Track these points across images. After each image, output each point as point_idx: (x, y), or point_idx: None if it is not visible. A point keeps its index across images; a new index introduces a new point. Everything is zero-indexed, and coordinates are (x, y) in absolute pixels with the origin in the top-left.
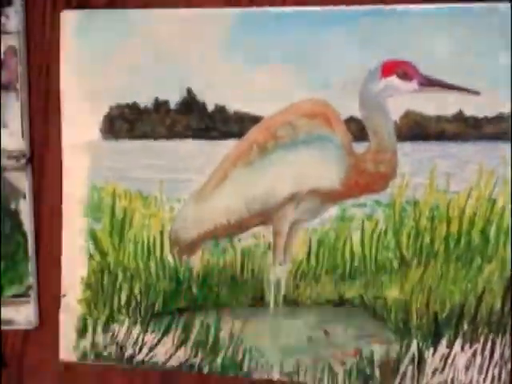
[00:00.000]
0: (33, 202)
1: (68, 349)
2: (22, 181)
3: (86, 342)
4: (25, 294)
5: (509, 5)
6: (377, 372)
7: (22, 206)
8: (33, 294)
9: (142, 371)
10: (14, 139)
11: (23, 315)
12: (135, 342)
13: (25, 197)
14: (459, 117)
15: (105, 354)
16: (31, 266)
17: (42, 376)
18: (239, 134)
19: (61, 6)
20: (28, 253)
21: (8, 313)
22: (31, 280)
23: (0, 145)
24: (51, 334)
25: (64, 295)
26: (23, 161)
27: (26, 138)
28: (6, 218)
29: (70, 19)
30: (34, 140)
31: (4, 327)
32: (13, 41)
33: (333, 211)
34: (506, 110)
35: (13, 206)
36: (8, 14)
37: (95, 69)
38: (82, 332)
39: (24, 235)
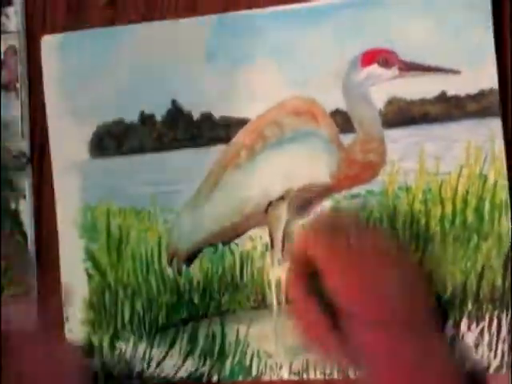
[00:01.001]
0: (33, 202)
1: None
2: (22, 181)
3: (95, 364)
4: (24, 295)
5: None
6: None
7: (22, 206)
8: (32, 294)
9: None
10: (14, 139)
11: (23, 316)
12: (143, 358)
13: (25, 197)
14: (442, 98)
15: (115, 374)
16: (31, 266)
17: (40, 376)
18: (227, 139)
19: (61, 6)
20: (28, 253)
21: (7, 313)
22: (31, 281)
23: (0, 144)
24: (50, 336)
25: (67, 318)
26: (23, 160)
27: (26, 138)
28: (6, 218)
29: (50, 43)
30: (34, 140)
31: (4, 328)
32: (13, 40)
33: (327, 205)
34: (487, 85)
35: (13, 206)
36: (8, 14)
37: (79, 89)
38: (89, 353)
39: (24, 235)
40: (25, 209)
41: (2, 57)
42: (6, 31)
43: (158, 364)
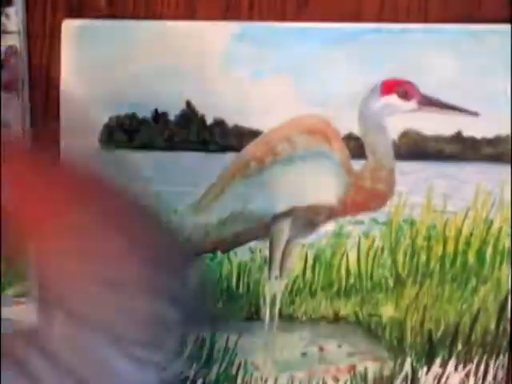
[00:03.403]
0: None
1: None
2: None
3: None
4: (25, 295)
5: (509, 26)
6: None
7: None
8: (33, 295)
9: None
10: None
11: (23, 316)
12: None
13: None
14: (458, 137)
15: None
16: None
17: None
18: (238, 148)
19: (61, 6)
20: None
21: (8, 313)
22: (32, 281)
23: (0, 144)
24: None
25: None
26: None
27: (28, 138)
28: None
29: (71, 28)
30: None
31: (3, 329)
32: (13, 40)
33: (330, 227)
34: (503, 131)
35: None
36: (8, 14)
37: (95, 79)
38: None
39: None
40: None
41: (3, 56)
42: (6, 31)
43: None
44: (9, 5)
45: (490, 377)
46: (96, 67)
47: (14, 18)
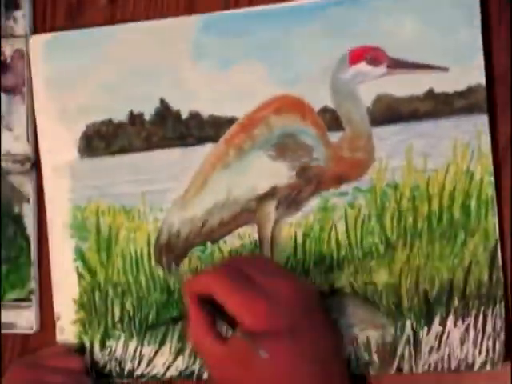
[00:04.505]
0: (36, 206)
1: None
2: (26, 185)
3: (86, 362)
4: (26, 299)
5: None
6: (375, 358)
7: (25, 211)
8: (34, 298)
9: None
10: (19, 143)
11: (24, 319)
12: (133, 356)
13: (29, 201)
14: (430, 95)
15: (105, 371)
16: (33, 271)
17: None
18: (215, 138)
19: (61, 8)
20: (31, 257)
21: (9, 316)
22: (33, 284)
23: (0, 146)
24: (51, 339)
25: (58, 318)
26: (28, 165)
27: (32, 142)
28: (10, 222)
29: (38, 44)
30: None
31: (4, 331)
32: (20, 44)
33: (315, 203)
34: (473, 82)
35: (16, 210)
36: (16, 18)
37: (68, 89)
38: (80, 352)
39: (27, 239)
40: (28, 213)
41: (9, 60)
42: (13, 35)
43: (149, 362)
44: (16, 8)
45: (489, 327)
46: (67, 78)
47: (22, 21)
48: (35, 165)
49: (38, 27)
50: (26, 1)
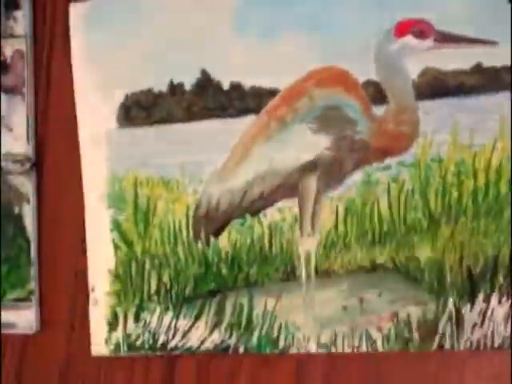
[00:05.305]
0: (36, 206)
1: (100, 343)
2: (26, 185)
3: (118, 335)
4: (26, 299)
5: None
6: (415, 334)
7: (25, 211)
8: (34, 298)
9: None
10: (19, 143)
11: (24, 319)
12: (168, 329)
13: (29, 201)
14: (477, 69)
15: (138, 344)
16: (33, 271)
17: (40, 380)
18: (257, 110)
19: (61, 8)
20: (31, 257)
21: (9, 316)
22: (33, 284)
23: (0, 146)
24: (51, 339)
25: (92, 289)
26: (28, 165)
27: (32, 143)
28: (10, 222)
29: (78, 11)
30: (38, 144)
31: (4, 331)
32: (20, 44)
33: (357, 177)
34: None
35: (16, 211)
36: (16, 18)
37: (107, 58)
38: (112, 324)
39: (27, 239)
40: (28, 213)
41: (9, 60)
42: (13, 35)
43: (184, 335)
44: (16, 8)
45: None
46: (107, 47)
47: (22, 21)
48: (35, 165)
49: (37, 27)
50: (25, 1)
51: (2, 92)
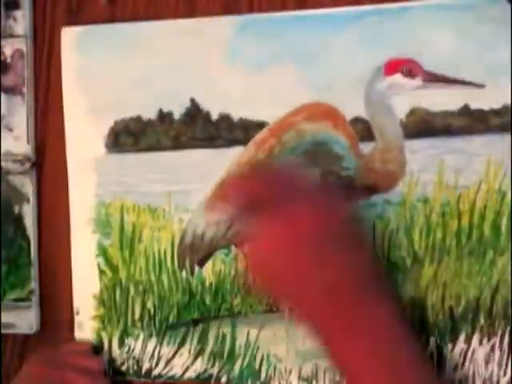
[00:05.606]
0: (37, 206)
1: None
2: (26, 185)
3: (104, 359)
4: (26, 299)
5: None
6: None
7: (25, 211)
8: (34, 298)
9: None
10: (19, 143)
11: (24, 319)
12: (152, 356)
13: (29, 201)
14: (465, 111)
15: (123, 369)
16: (33, 271)
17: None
18: (245, 141)
19: (61, 8)
20: (31, 257)
21: (9, 316)
22: (33, 285)
23: (0, 146)
24: (51, 340)
25: (77, 313)
26: (28, 165)
27: (32, 142)
28: (10, 222)
29: (70, 35)
30: (38, 144)
31: (4, 331)
32: (20, 44)
33: None
34: (509, 101)
35: (16, 211)
36: (16, 17)
37: (97, 84)
38: (98, 348)
39: (27, 239)
40: (28, 213)
41: (9, 60)
42: (13, 35)
43: (167, 362)
44: (16, 8)
45: None
46: (98, 72)
47: (22, 21)
48: (35, 165)
49: (37, 27)
50: (25, 1)
51: (2, 92)
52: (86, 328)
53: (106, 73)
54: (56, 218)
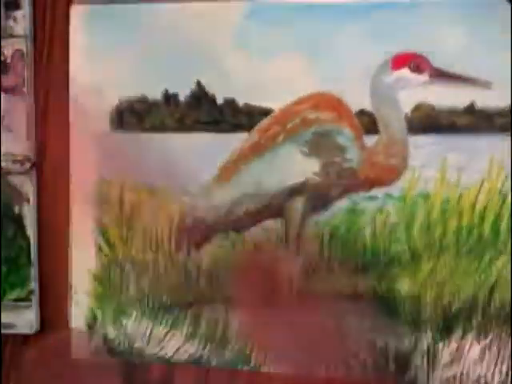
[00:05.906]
0: (36, 206)
1: (79, 346)
2: (26, 185)
3: (98, 338)
4: (26, 299)
5: None
6: (391, 364)
7: (25, 211)
8: (34, 298)
9: None
10: (19, 143)
11: (24, 319)
12: (144, 335)
13: (29, 201)
14: (470, 109)
15: (117, 348)
16: (33, 271)
17: (40, 381)
18: (249, 127)
19: (61, 8)
20: (31, 257)
21: (9, 316)
22: (33, 284)
23: (0, 146)
24: (51, 339)
25: (73, 289)
26: (28, 165)
27: (31, 142)
28: (10, 222)
29: (79, 14)
30: (38, 144)
31: (4, 331)
32: (20, 44)
33: (343, 204)
34: None
35: (16, 211)
36: (16, 18)
37: (105, 62)
38: (92, 326)
39: (27, 240)
40: (28, 213)
41: (9, 60)
42: (13, 35)
43: (159, 343)
44: (17, 8)
45: (507, 351)
46: (105, 51)
47: (22, 21)
48: (35, 165)
49: (37, 27)
50: (25, 1)
51: (2, 92)
52: (81, 305)
53: (114, 50)
54: (56, 218)
